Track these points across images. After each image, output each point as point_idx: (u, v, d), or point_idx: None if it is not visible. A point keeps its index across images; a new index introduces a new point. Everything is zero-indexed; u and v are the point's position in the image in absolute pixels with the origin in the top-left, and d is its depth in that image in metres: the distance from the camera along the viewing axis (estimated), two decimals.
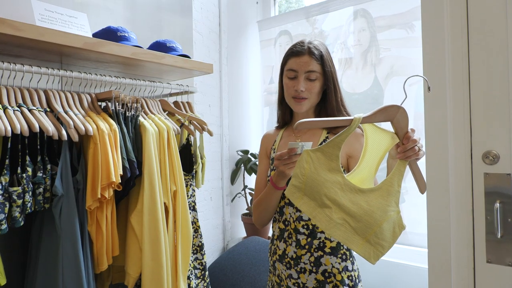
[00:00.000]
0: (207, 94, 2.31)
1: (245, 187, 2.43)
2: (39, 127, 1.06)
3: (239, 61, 2.57)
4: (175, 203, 1.40)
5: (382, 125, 0.89)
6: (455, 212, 0.96)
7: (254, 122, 2.65)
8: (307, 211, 0.87)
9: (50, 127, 1.07)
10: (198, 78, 2.18)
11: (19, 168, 1.03)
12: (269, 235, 2.33)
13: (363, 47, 2.03)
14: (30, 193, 1.04)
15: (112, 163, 1.15)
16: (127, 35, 1.38)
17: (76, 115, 1.18)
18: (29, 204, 1.04)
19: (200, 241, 1.62)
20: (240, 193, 2.46)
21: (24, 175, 1.03)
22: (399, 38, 1.89)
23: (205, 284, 1.63)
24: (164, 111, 1.59)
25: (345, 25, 2.11)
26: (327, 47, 1.19)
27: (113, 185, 1.17)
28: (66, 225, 1.10)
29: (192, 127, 1.60)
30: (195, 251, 1.60)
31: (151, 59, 1.38)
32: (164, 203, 1.35)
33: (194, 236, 1.59)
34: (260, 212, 1.19)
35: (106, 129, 1.18)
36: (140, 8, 1.77)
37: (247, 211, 2.41)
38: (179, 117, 1.59)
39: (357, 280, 1.13)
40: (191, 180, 1.61)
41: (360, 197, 0.85)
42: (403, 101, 0.85)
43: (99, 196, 1.13)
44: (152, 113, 1.48)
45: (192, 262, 1.58)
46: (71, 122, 1.13)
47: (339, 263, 1.10)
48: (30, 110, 1.10)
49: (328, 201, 0.85)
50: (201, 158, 1.67)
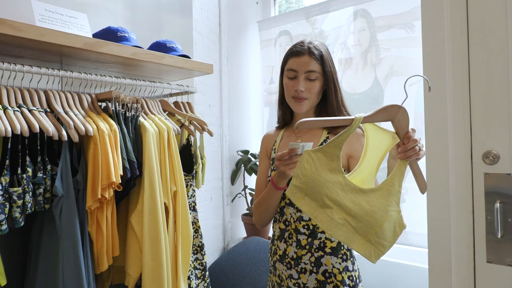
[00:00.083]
0: (207, 94, 2.31)
1: (245, 187, 2.43)
2: (39, 128, 1.06)
3: (239, 61, 2.57)
4: (175, 204, 1.40)
5: (383, 125, 0.88)
6: (455, 212, 0.96)
7: (254, 122, 2.65)
8: (308, 212, 0.87)
9: (50, 128, 1.07)
10: (198, 78, 2.17)
11: (19, 169, 1.03)
12: (270, 236, 2.33)
13: (363, 47, 2.03)
14: (30, 194, 1.04)
15: (112, 164, 1.15)
16: (127, 36, 1.38)
17: (76, 116, 1.18)
18: (29, 205, 1.04)
19: (201, 241, 1.62)
20: (240, 193, 2.46)
21: (24, 176, 1.03)
22: (399, 38, 1.89)
23: (206, 285, 1.63)
24: (164, 112, 1.59)
25: (345, 25, 2.11)
26: (328, 47, 1.19)
27: (113, 186, 1.17)
28: (66, 226, 1.10)
29: (192, 128, 1.59)
30: (196, 251, 1.60)
31: (151, 60, 1.38)
32: (164, 204, 1.35)
33: (195, 237, 1.59)
34: (261, 213, 1.19)
35: (106, 130, 1.18)
36: (140, 8, 1.77)
37: (247, 211, 2.41)
38: (179, 117, 1.59)
39: (358, 280, 1.13)
40: (191, 181, 1.61)
41: (361, 197, 0.85)
42: (404, 101, 0.85)
43: (99, 197, 1.13)
44: (152, 114, 1.48)
45: (193, 263, 1.58)
46: (71, 123, 1.13)
47: (340, 263, 1.10)
48: (30, 111, 1.10)
49: (329, 202, 0.85)
50: (201, 158, 1.67)
